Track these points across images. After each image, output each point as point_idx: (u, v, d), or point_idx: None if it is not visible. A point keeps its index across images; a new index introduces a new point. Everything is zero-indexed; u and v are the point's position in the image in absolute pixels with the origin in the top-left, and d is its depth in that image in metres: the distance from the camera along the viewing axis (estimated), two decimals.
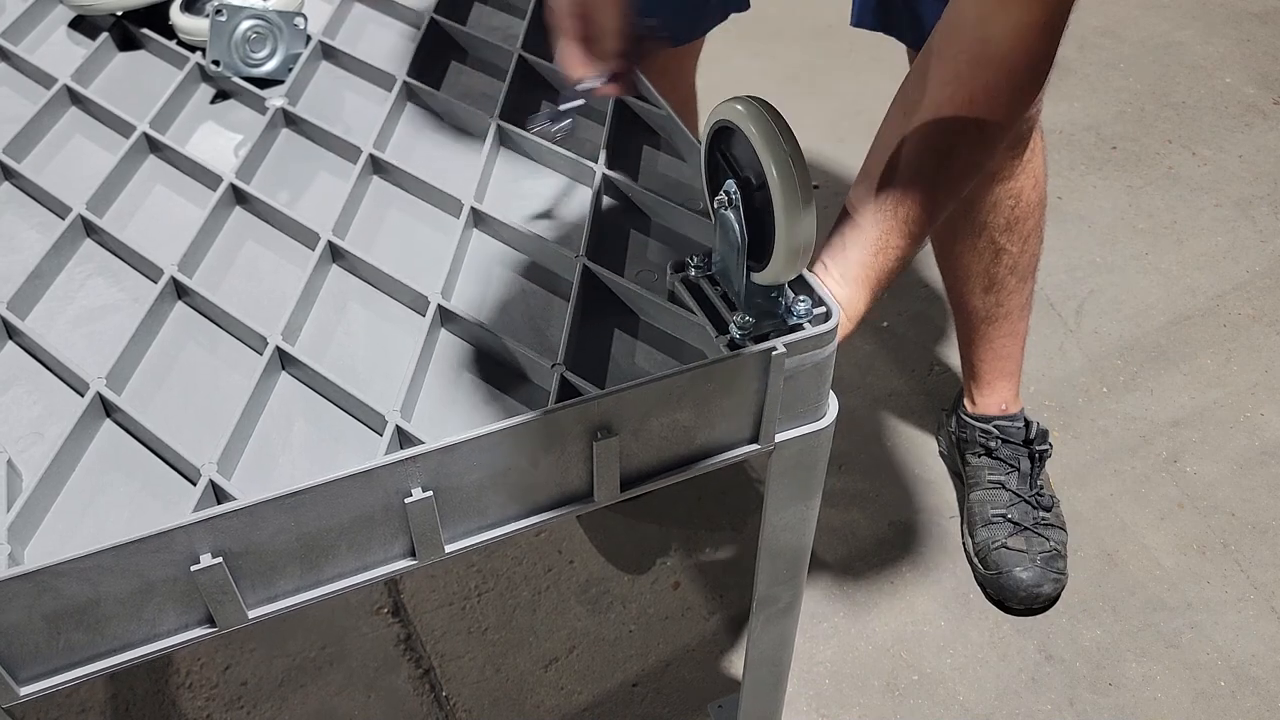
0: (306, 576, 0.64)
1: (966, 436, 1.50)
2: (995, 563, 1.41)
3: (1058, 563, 1.41)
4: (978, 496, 1.47)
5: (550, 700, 1.34)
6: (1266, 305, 1.82)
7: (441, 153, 0.93)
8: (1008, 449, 1.47)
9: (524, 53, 1.00)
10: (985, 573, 1.42)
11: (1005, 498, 1.45)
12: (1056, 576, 1.40)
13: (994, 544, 1.42)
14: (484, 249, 0.83)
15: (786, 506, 0.79)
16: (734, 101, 0.67)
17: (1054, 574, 1.40)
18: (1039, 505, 1.44)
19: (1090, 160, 2.12)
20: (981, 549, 1.44)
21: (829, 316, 0.70)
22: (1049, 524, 1.44)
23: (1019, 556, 1.40)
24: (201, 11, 1.01)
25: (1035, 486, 1.45)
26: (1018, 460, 1.46)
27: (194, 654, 1.38)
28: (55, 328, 0.77)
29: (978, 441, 1.48)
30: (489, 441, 0.63)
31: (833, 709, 1.33)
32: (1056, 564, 1.41)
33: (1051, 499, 1.46)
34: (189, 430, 0.69)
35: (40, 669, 0.61)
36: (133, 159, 0.91)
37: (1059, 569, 1.41)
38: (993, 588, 1.42)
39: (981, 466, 1.48)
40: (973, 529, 1.46)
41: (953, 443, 1.55)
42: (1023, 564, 1.40)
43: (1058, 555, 1.42)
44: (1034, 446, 1.46)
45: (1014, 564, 1.40)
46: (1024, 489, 1.45)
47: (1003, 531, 1.42)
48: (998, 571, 1.40)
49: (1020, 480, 1.45)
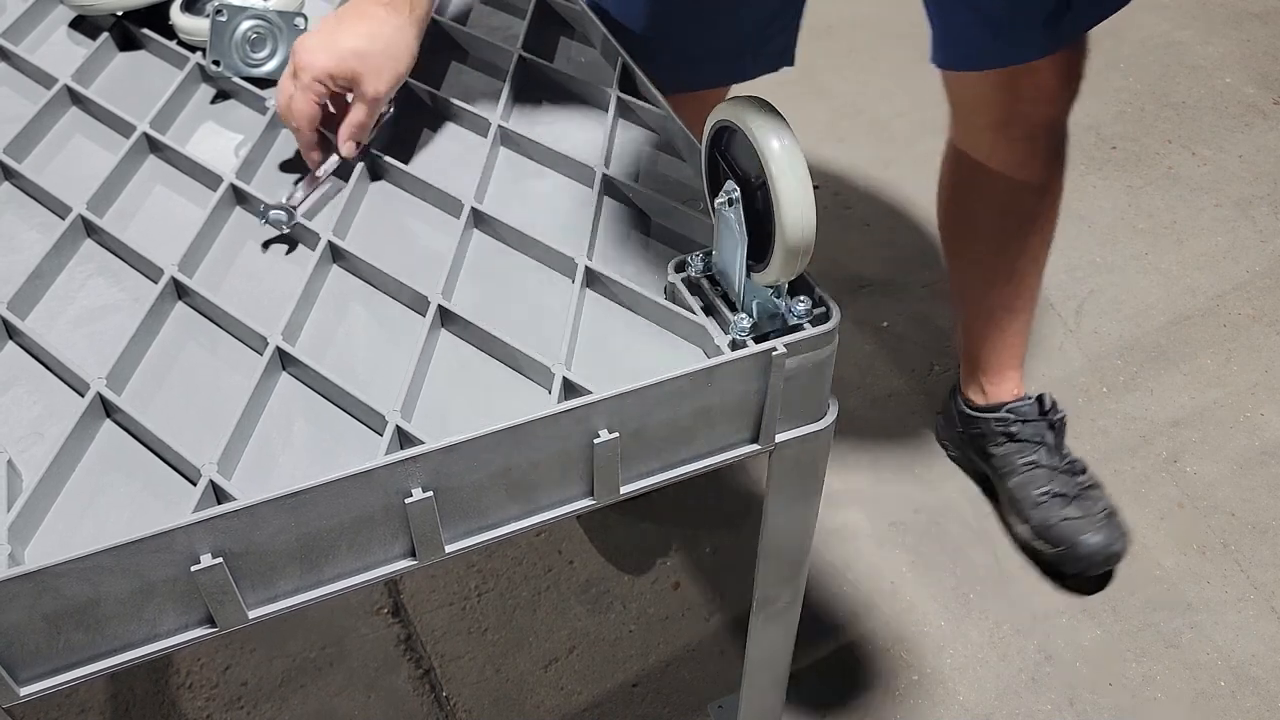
0: (306, 577, 0.64)
1: (981, 430, 1.49)
2: (1060, 537, 1.40)
3: (1116, 518, 1.41)
4: (1016, 483, 1.46)
5: (550, 700, 1.34)
6: (1266, 305, 1.82)
7: (441, 153, 0.93)
8: (1029, 428, 1.46)
9: (524, 53, 1.00)
10: (1054, 551, 1.41)
11: (1043, 475, 1.44)
12: (1121, 533, 1.40)
13: (1051, 521, 1.41)
14: (484, 249, 0.83)
15: (786, 506, 0.79)
16: (734, 101, 0.67)
17: (1118, 530, 1.40)
18: (1075, 471, 1.44)
19: (1090, 160, 2.12)
20: (1040, 530, 1.42)
21: (829, 316, 0.70)
22: (1091, 484, 1.44)
23: (1082, 524, 1.40)
24: (201, 11, 1.01)
25: (1064, 455, 1.45)
26: (1041, 435, 1.45)
27: (194, 654, 1.38)
28: (55, 328, 0.77)
29: (996, 431, 1.47)
30: (489, 441, 0.63)
31: (833, 709, 1.33)
32: (1116, 520, 1.41)
33: (1081, 462, 1.46)
34: (189, 430, 0.69)
35: (40, 669, 0.61)
36: (133, 159, 0.91)
37: (1119, 524, 1.41)
38: (1067, 563, 1.41)
39: (1009, 453, 1.47)
40: (1022, 515, 1.45)
41: (964, 441, 1.54)
42: (1088, 530, 1.39)
43: (1113, 512, 1.42)
44: (1050, 416, 1.46)
45: (1080, 532, 1.39)
46: (1056, 461, 1.45)
47: (1056, 507, 1.41)
48: (1068, 545, 1.39)
49: (1049, 454, 1.45)
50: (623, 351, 0.74)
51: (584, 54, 1.04)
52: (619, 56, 0.98)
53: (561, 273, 0.80)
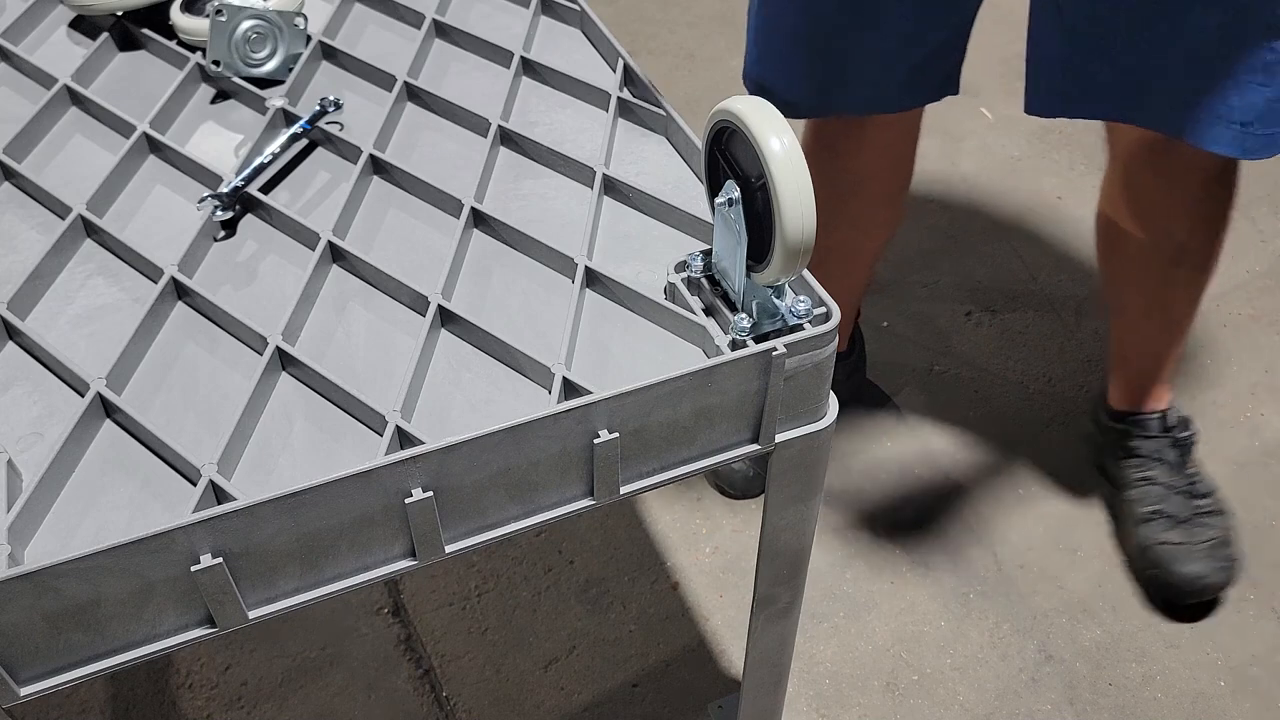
0: (306, 577, 0.64)
1: (1108, 440, 1.47)
2: (1155, 560, 1.36)
3: (1224, 549, 1.36)
4: (1129, 496, 1.42)
5: (550, 700, 1.34)
6: (1266, 305, 1.82)
7: (441, 153, 0.93)
8: (1150, 444, 1.42)
9: (524, 53, 1.00)
10: (1147, 574, 1.37)
11: (1156, 493, 1.40)
12: (1224, 564, 1.35)
13: (1149, 541, 1.38)
14: (484, 249, 0.83)
15: (786, 506, 0.79)
16: (734, 101, 0.67)
17: (1221, 561, 1.35)
18: (1194, 494, 1.39)
19: (1090, 160, 2.12)
20: (1139, 549, 1.39)
21: (829, 316, 0.70)
22: (1209, 510, 1.38)
23: (1180, 550, 1.34)
24: (201, 11, 1.01)
25: (1186, 476, 1.40)
26: (1161, 452, 1.41)
27: (194, 654, 1.38)
28: (55, 328, 0.77)
29: (1118, 442, 1.45)
30: (489, 441, 0.63)
31: (833, 709, 1.33)
32: (1223, 551, 1.35)
33: (1209, 485, 1.41)
34: (189, 430, 0.69)
35: (40, 669, 0.61)
36: (133, 159, 0.91)
37: (1226, 555, 1.35)
38: (1156, 588, 1.38)
39: (1128, 466, 1.44)
40: (1127, 531, 1.42)
41: (1097, 447, 1.52)
42: (1185, 557, 1.33)
43: (1223, 542, 1.36)
44: (1174, 434, 1.42)
45: (1176, 558, 1.34)
46: (1175, 479, 1.40)
47: (1159, 528, 1.37)
48: (1160, 569, 1.36)
49: (1169, 471, 1.40)
50: (623, 351, 0.74)
51: (584, 54, 1.04)
52: (619, 57, 0.98)
53: (561, 273, 0.80)
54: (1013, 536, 1.50)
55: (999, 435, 1.63)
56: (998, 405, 1.66)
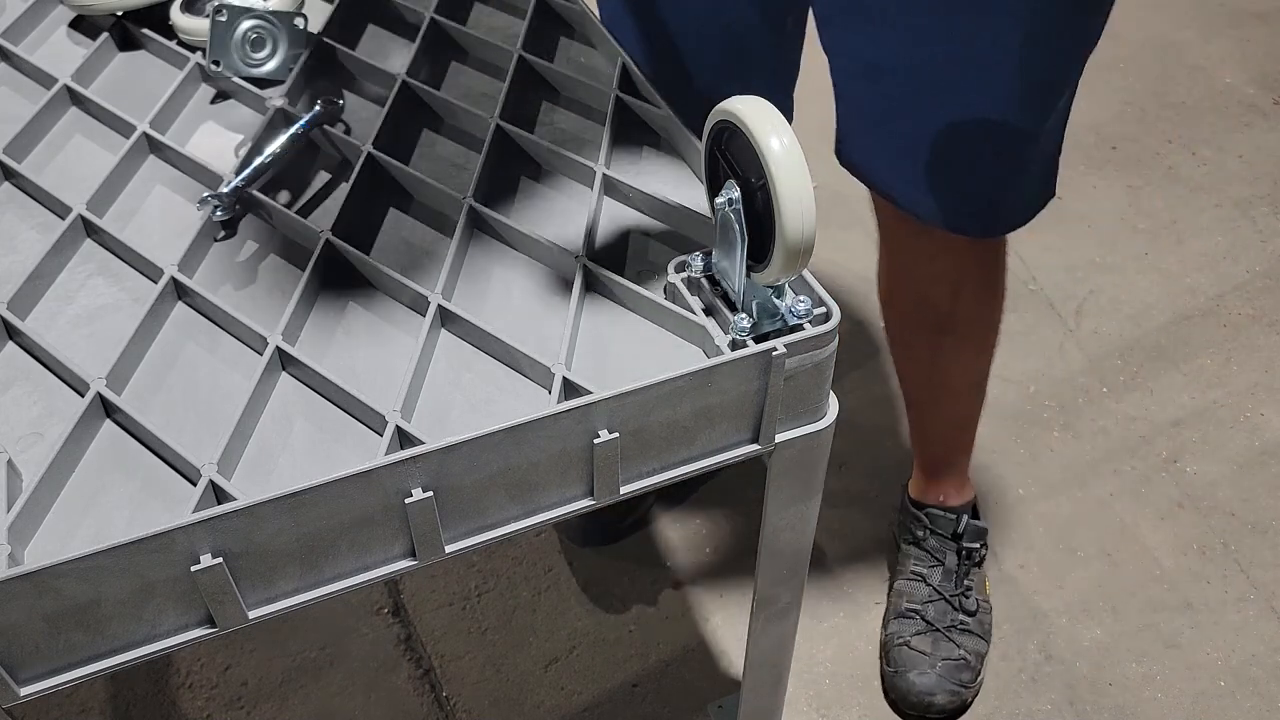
0: (306, 577, 0.64)
1: (902, 520, 1.42)
2: (893, 659, 1.32)
3: (962, 674, 1.29)
4: (898, 586, 1.38)
5: (550, 700, 1.34)
6: (1266, 305, 1.82)
7: (441, 153, 0.93)
8: (935, 540, 1.37)
9: (524, 53, 1.00)
10: (884, 668, 1.33)
11: (923, 592, 1.35)
12: (956, 689, 1.28)
13: (897, 639, 1.33)
14: (484, 249, 0.83)
15: (786, 506, 0.79)
16: (734, 101, 0.67)
17: (954, 685, 1.28)
18: (959, 608, 1.33)
19: (1090, 160, 2.13)
20: (885, 641, 1.35)
21: (829, 316, 0.70)
22: (966, 629, 1.32)
23: (918, 659, 1.30)
24: (201, 11, 1.01)
25: (961, 587, 1.35)
26: (943, 555, 1.36)
27: (194, 654, 1.38)
28: (55, 328, 0.77)
29: (908, 527, 1.40)
30: (489, 441, 0.63)
31: (833, 709, 1.33)
32: (960, 675, 1.29)
33: (979, 604, 1.35)
34: (189, 430, 0.69)
35: (40, 669, 0.61)
36: (133, 159, 0.91)
37: (962, 681, 1.29)
38: (888, 685, 1.32)
39: (908, 555, 1.39)
40: (886, 620, 1.37)
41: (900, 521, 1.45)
42: (921, 667, 1.29)
43: (964, 666, 1.30)
44: (962, 542, 1.36)
45: (911, 665, 1.29)
46: (946, 587, 1.34)
47: (910, 628, 1.33)
48: (895, 670, 1.31)
49: (943, 576, 1.35)
50: (623, 351, 0.74)
51: (584, 54, 1.04)
52: (619, 57, 0.98)
53: (561, 273, 0.80)
54: (1013, 536, 1.50)
55: (999, 435, 1.63)
56: (998, 405, 1.66)
